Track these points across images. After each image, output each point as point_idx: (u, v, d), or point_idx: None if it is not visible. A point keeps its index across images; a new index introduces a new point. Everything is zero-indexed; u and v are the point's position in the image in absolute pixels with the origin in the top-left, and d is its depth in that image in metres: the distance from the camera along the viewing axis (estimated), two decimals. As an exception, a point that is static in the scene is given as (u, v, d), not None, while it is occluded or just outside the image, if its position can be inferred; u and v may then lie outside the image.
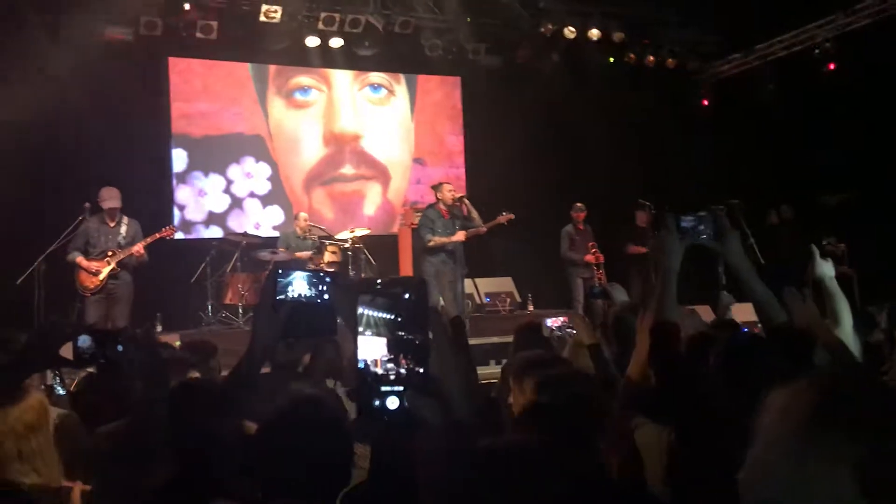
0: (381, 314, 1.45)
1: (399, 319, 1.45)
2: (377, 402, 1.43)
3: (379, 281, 1.49)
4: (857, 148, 9.66)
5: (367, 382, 1.42)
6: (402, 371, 1.43)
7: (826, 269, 3.17)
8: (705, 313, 7.81)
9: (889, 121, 9.16)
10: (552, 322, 3.96)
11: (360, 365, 1.43)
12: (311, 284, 1.93)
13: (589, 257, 9.25)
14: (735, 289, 8.62)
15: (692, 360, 2.54)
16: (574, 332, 3.67)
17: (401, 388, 1.42)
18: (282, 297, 1.93)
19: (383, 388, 1.43)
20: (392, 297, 1.46)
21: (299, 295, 1.93)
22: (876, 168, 9.44)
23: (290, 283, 1.93)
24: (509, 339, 5.18)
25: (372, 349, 1.44)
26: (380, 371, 1.44)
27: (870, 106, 9.41)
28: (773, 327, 2.59)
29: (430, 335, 1.49)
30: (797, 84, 10.46)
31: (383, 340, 1.45)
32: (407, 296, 1.46)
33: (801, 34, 10.59)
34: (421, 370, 1.43)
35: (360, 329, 1.44)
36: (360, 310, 1.45)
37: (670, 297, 2.42)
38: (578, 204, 9.66)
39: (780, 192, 10.67)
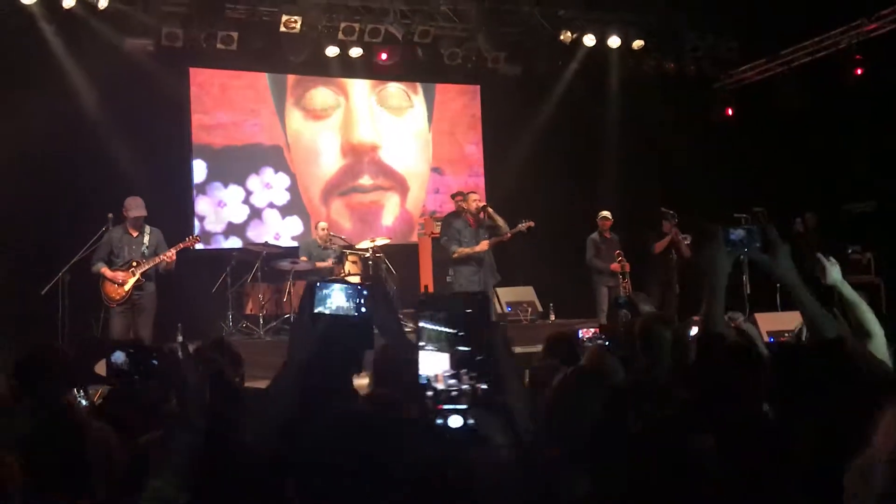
0: (442, 329, 1.42)
1: (461, 335, 1.42)
2: (439, 420, 1.39)
3: (441, 296, 1.47)
4: (883, 155, 9.54)
5: (429, 399, 1.39)
6: (465, 387, 1.39)
7: (834, 274, 3.09)
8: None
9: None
10: (584, 332, 3.91)
11: (422, 380, 1.40)
12: (349, 297, 1.89)
13: (615, 266, 9.15)
14: (759, 299, 8.56)
15: (733, 370, 2.50)
16: (606, 343, 3.64)
17: (464, 406, 1.39)
18: (319, 309, 1.89)
19: (446, 406, 1.39)
20: (454, 311, 1.43)
21: (337, 308, 1.89)
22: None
23: (328, 296, 1.89)
24: (532, 348, 5.13)
25: (433, 364, 1.40)
26: (441, 387, 1.40)
27: (894, 112, 9.29)
28: (816, 341, 2.54)
29: (493, 350, 1.45)
30: (821, 90, 10.35)
31: (445, 356, 1.41)
32: (469, 311, 1.43)
33: (824, 40, 10.50)
34: (485, 387, 1.39)
35: (422, 343, 1.41)
36: (420, 324, 1.42)
37: (719, 309, 2.38)
38: (604, 212, 9.54)
39: (804, 199, 10.55)
